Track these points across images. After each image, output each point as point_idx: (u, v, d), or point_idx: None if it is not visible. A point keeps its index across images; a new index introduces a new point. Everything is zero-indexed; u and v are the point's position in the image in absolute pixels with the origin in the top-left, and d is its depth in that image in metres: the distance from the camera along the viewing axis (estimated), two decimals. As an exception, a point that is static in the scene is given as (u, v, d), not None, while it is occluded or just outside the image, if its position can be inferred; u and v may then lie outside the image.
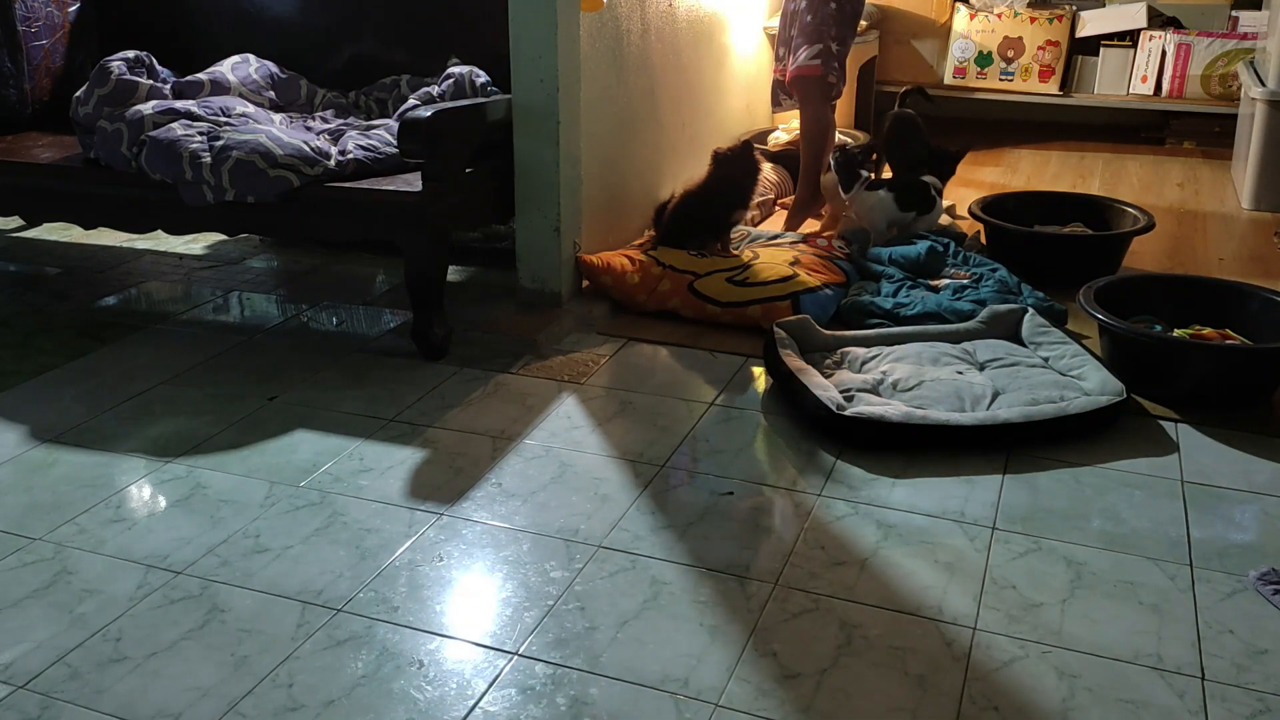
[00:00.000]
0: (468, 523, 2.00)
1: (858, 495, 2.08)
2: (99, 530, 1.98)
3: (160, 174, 2.69)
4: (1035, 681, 1.58)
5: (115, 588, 1.81)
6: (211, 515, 2.03)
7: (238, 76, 3.15)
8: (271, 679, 1.59)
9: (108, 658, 1.64)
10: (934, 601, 1.76)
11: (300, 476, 2.16)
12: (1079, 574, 1.83)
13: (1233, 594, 1.78)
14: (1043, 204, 3.58)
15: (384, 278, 3.36)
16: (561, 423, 2.38)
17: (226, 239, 3.71)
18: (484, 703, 1.55)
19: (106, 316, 3.06)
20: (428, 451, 2.26)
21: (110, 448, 2.29)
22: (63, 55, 3.42)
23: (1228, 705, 1.53)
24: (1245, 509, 2.05)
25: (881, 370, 2.51)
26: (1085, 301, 2.56)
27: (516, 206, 2.97)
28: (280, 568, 1.86)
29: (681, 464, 2.21)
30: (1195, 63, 4.82)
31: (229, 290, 3.27)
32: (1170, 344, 2.50)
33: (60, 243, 3.74)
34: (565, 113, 2.89)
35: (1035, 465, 2.19)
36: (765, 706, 1.53)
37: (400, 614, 1.74)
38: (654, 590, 1.79)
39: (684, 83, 3.72)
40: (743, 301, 2.88)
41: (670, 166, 3.70)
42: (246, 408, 2.46)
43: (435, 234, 2.63)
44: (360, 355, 2.76)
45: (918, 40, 5.34)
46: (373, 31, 3.30)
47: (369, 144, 2.80)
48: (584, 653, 1.64)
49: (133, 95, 2.90)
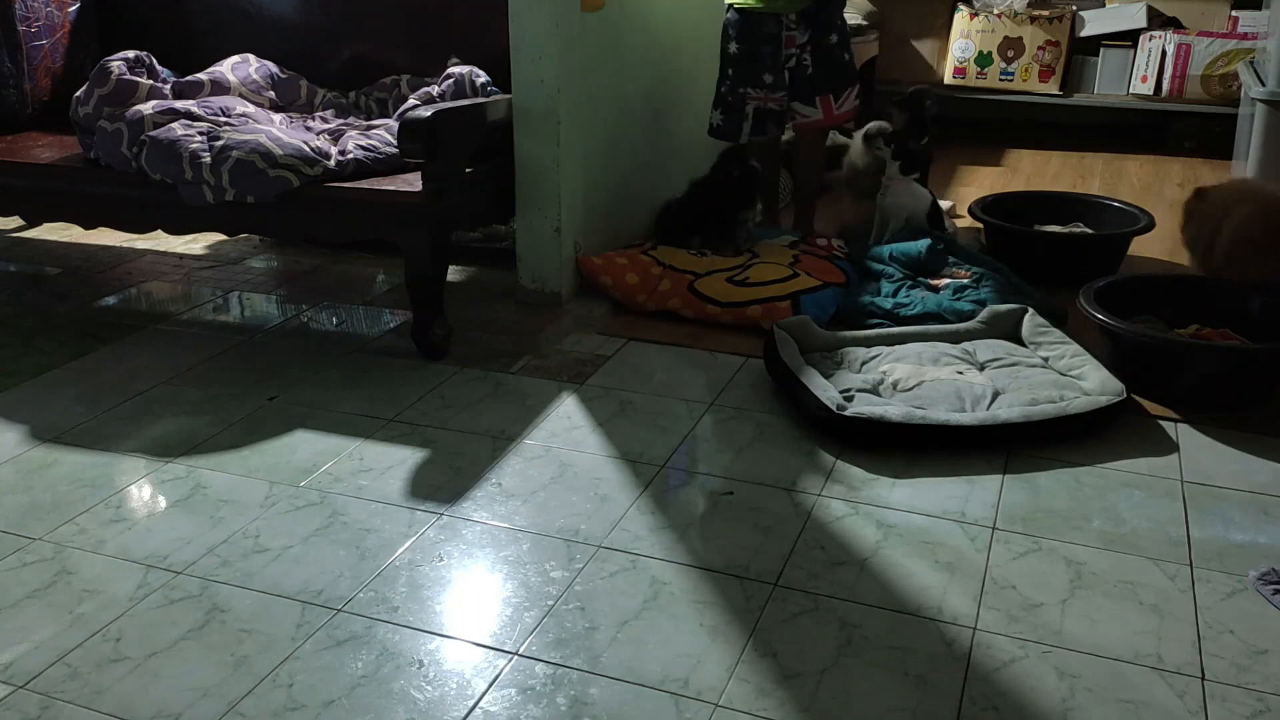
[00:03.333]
0: (468, 523, 2.00)
1: (858, 495, 2.08)
2: (99, 530, 1.98)
3: (160, 174, 2.69)
4: (1035, 682, 1.58)
5: (115, 588, 1.81)
6: (211, 515, 2.03)
7: (238, 76, 3.15)
8: (271, 679, 1.59)
9: (108, 658, 1.64)
10: (934, 601, 1.76)
11: (300, 476, 2.16)
12: (1079, 574, 1.83)
13: (1233, 594, 1.78)
14: (1043, 204, 3.58)
15: (384, 278, 3.36)
16: (561, 423, 2.38)
17: (226, 239, 3.71)
18: (484, 703, 1.55)
19: (107, 316, 3.06)
20: (428, 451, 2.26)
21: (110, 448, 2.29)
22: (63, 55, 3.42)
23: (1228, 705, 1.53)
24: (1245, 509, 2.04)
25: (881, 370, 2.51)
26: (1085, 301, 2.56)
27: (517, 206, 2.97)
28: (280, 568, 1.86)
29: (681, 464, 2.21)
30: (1195, 63, 4.82)
31: (229, 290, 3.27)
32: (1170, 344, 2.50)
33: (60, 243, 3.74)
34: (565, 113, 2.89)
35: (1035, 465, 2.19)
36: (765, 706, 1.53)
37: (400, 614, 1.74)
38: (654, 590, 1.79)
39: (684, 83, 3.71)
40: (743, 301, 2.88)
41: (670, 167, 3.70)
42: (246, 408, 2.46)
43: (435, 234, 2.63)
44: (360, 355, 2.76)
45: (918, 40, 5.34)
46: (373, 31, 3.30)
47: (369, 144, 2.80)
48: (584, 653, 1.64)
49: (133, 95, 2.90)
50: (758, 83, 3.27)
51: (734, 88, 3.32)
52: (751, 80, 3.28)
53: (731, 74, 3.31)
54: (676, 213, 3.30)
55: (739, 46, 3.26)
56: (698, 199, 3.27)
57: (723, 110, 3.37)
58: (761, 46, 3.25)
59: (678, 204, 3.33)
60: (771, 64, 3.27)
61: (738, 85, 3.31)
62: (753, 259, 3.12)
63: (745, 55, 3.26)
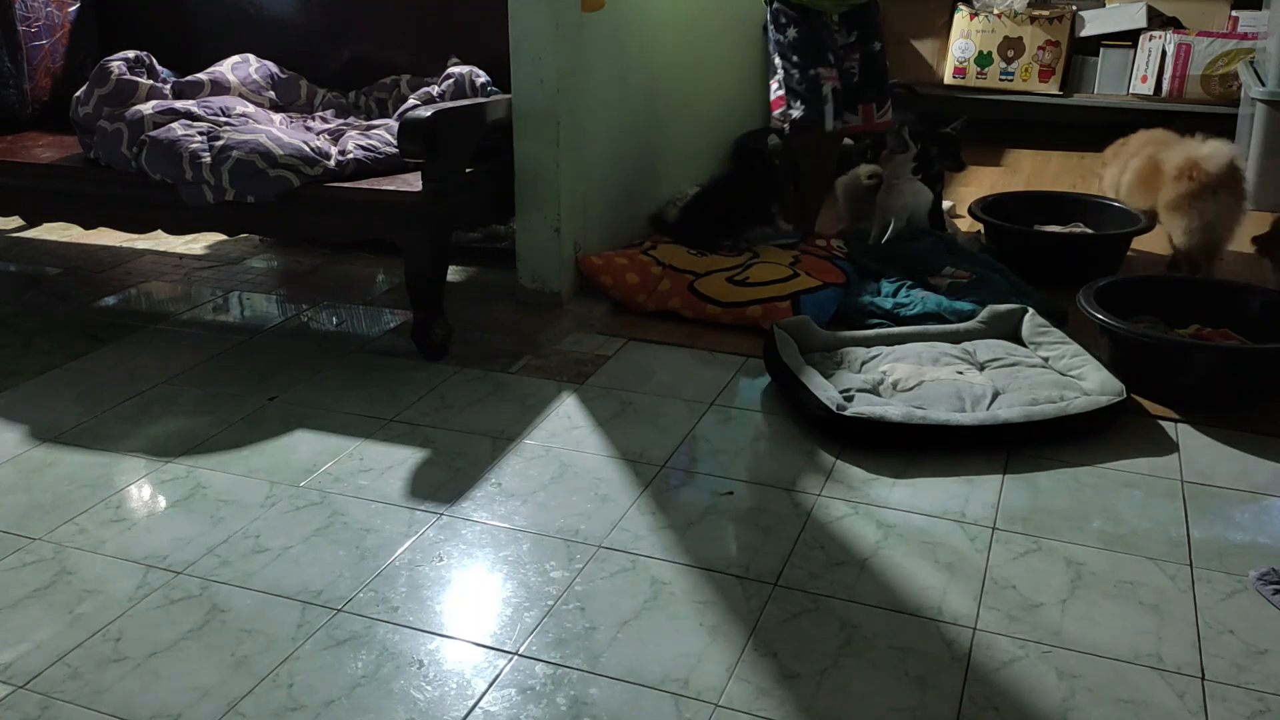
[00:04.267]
0: (467, 523, 2.00)
1: (857, 495, 2.08)
2: (99, 530, 1.98)
3: (160, 174, 2.69)
4: (1035, 682, 1.58)
5: (115, 588, 1.81)
6: (211, 515, 2.03)
7: (238, 76, 3.15)
8: (271, 679, 1.59)
9: (107, 658, 1.64)
10: (934, 602, 1.76)
11: (300, 476, 2.16)
12: (1079, 574, 1.83)
13: (1233, 594, 1.78)
14: (1043, 204, 3.58)
15: (384, 278, 3.36)
16: (561, 423, 2.38)
17: (226, 239, 3.71)
18: (484, 703, 1.55)
19: (106, 316, 3.06)
20: (427, 451, 2.26)
21: (110, 448, 2.29)
22: (63, 55, 3.42)
23: (1228, 705, 1.53)
24: (1245, 509, 2.04)
25: (881, 370, 2.51)
26: (1085, 301, 2.56)
27: (516, 206, 2.97)
28: (280, 568, 1.86)
29: (681, 464, 2.21)
30: (1195, 63, 4.82)
31: (229, 290, 3.27)
32: (1170, 344, 2.50)
33: (60, 243, 3.74)
34: (565, 113, 2.89)
35: (1035, 465, 2.19)
36: (765, 706, 1.53)
37: (400, 614, 1.74)
38: (654, 590, 1.79)
39: (684, 82, 3.71)
40: (743, 301, 2.88)
41: (670, 167, 3.70)
42: (246, 408, 2.46)
43: (435, 234, 2.63)
44: (360, 355, 2.76)
45: (918, 40, 5.34)
46: (373, 32, 3.30)
47: (369, 144, 2.80)
48: (584, 653, 1.64)
49: (133, 95, 2.90)
50: (825, 61, 3.10)
51: (804, 71, 3.10)
52: (819, 59, 3.09)
53: (797, 59, 3.10)
54: (701, 212, 3.25)
55: (797, 31, 3.09)
56: (721, 198, 3.22)
57: (800, 99, 3.13)
58: (820, 30, 3.14)
59: (697, 203, 3.30)
60: (831, 45, 3.14)
61: (807, 68, 3.09)
62: (753, 259, 3.11)
63: (806, 37, 3.10)
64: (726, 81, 4.19)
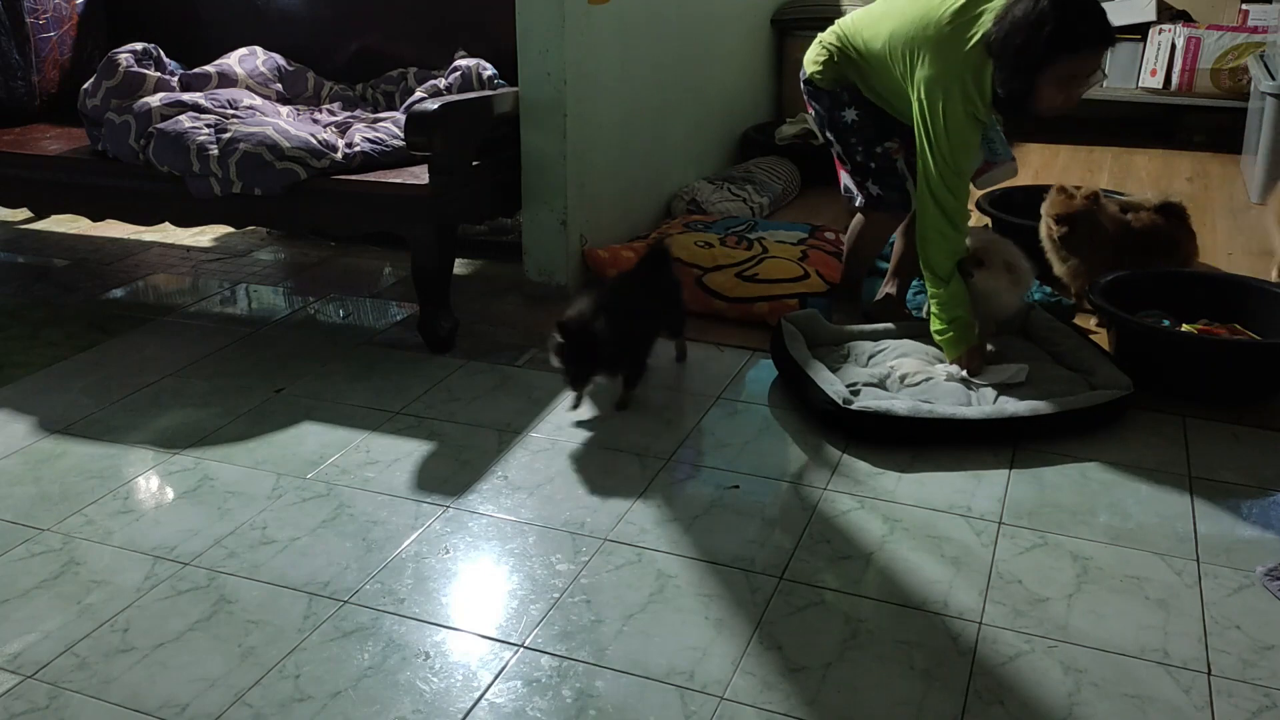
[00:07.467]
0: (474, 515, 2.00)
1: (864, 489, 2.08)
2: (107, 521, 1.99)
3: (168, 166, 2.70)
4: (1041, 676, 1.58)
5: (123, 578, 1.82)
6: (219, 507, 2.03)
7: (245, 69, 3.15)
8: (278, 670, 1.60)
9: (115, 648, 1.65)
10: (940, 596, 1.76)
11: (307, 468, 2.17)
12: (1085, 569, 1.83)
13: (1240, 589, 1.78)
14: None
15: (391, 270, 3.37)
16: (567, 416, 2.38)
17: (233, 231, 3.71)
18: (490, 694, 1.55)
19: (114, 308, 3.07)
20: (434, 444, 2.26)
21: (118, 439, 2.29)
22: (71, 47, 3.43)
23: (1234, 701, 1.53)
24: (1253, 504, 2.04)
25: (889, 364, 2.51)
26: (1093, 296, 2.55)
27: (523, 199, 2.97)
28: (287, 559, 1.87)
29: (687, 457, 2.21)
30: (1205, 56, 4.80)
31: (236, 283, 3.27)
32: (1178, 339, 2.50)
33: (68, 235, 3.75)
34: (572, 106, 2.88)
35: (1042, 460, 2.19)
36: (770, 700, 1.54)
37: (406, 606, 1.74)
38: (660, 583, 1.80)
39: (691, 76, 3.71)
40: (751, 298, 2.87)
41: (677, 160, 3.70)
42: (254, 400, 2.47)
43: (442, 227, 2.63)
44: (367, 348, 2.77)
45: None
46: (380, 24, 3.30)
47: (376, 137, 2.80)
48: (590, 645, 1.65)
49: (140, 87, 2.91)
50: (891, 135, 2.69)
51: (870, 149, 2.69)
52: (886, 135, 2.69)
53: (864, 138, 2.69)
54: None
55: (858, 112, 2.67)
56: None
57: (874, 180, 2.71)
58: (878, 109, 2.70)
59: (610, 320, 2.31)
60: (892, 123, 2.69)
61: (874, 145, 2.69)
62: (763, 254, 3.10)
63: (868, 117, 2.68)
64: (734, 73, 4.19)
